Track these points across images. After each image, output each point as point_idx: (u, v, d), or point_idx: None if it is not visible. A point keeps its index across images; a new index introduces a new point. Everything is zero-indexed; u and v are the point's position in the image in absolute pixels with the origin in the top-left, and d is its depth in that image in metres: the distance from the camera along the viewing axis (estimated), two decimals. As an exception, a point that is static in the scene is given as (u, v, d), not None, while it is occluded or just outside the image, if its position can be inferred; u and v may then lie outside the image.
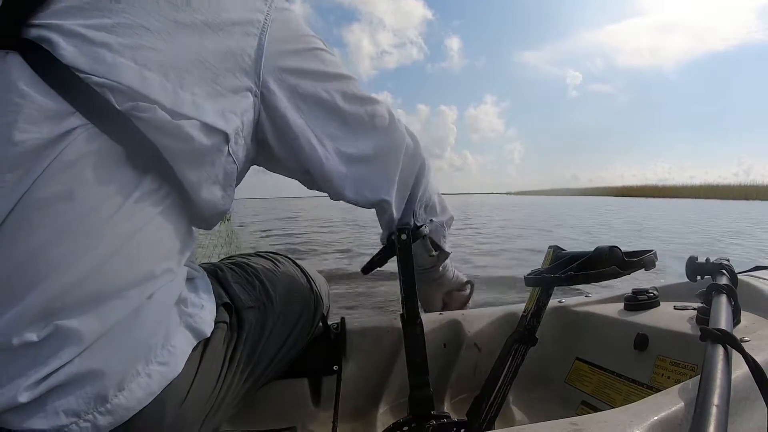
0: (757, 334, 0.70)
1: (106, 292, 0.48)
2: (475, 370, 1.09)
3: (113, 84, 0.47)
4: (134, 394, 0.49)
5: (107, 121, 0.48)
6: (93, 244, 0.47)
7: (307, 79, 0.65)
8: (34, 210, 0.45)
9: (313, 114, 0.66)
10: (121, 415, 0.49)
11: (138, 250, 0.50)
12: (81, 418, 0.47)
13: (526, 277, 0.80)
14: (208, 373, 0.60)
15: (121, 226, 0.49)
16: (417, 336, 0.85)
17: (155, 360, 0.51)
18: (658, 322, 0.88)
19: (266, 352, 0.74)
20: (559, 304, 1.14)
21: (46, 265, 0.45)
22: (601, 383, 0.93)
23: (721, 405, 0.42)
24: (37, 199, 0.45)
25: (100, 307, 0.47)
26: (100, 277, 0.47)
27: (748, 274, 1.01)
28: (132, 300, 0.50)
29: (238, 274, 0.77)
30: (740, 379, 0.52)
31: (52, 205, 0.45)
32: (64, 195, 0.46)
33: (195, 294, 0.61)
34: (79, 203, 0.46)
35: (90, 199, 0.47)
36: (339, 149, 0.69)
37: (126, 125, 0.49)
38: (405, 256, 0.85)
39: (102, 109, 0.48)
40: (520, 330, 0.88)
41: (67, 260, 0.46)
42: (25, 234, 0.44)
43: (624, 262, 0.70)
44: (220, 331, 0.62)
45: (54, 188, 0.45)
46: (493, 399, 0.83)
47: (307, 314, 0.86)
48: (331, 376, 1.00)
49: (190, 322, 0.57)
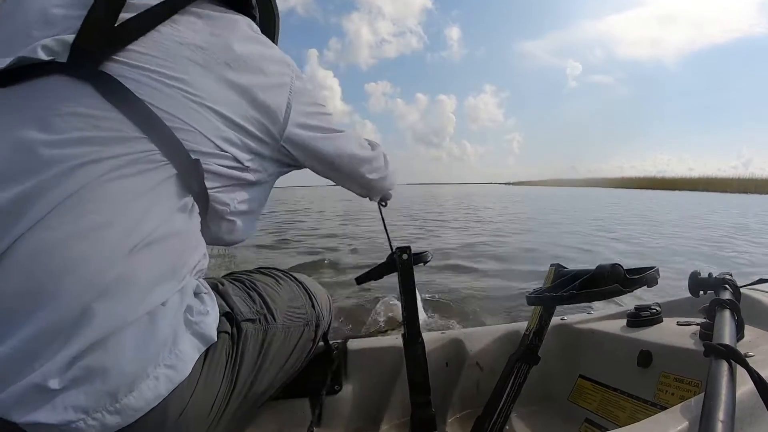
0: (762, 348, 0.70)
1: (129, 293, 0.50)
2: (478, 388, 1.08)
3: (184, 127, 0.57)
4: (143, 395, 0.50)
5: (172, 151, 0.56)
6: (121, 245, 0.50)
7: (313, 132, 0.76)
8: (75, 206, 0.49)
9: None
10: (129, 415, 0.49)
11: (163, 257, 0.54)
12: (89, 415, 0.47)
13: (527, 296, 0.80)
14: (210, 382, 0.60)
15: (153, 232, 0.53)
16: (418, 355, 0.85)
17: (163, 363, 0.52)
18: (661, 338, 0.87)
19: (267, 366, 0.74)
20: (562, 321, 1.14)
21: (73, 261, 0.47)
22: (604, 401, 0.92)
23: (726, 421, 0.41)
24: (81, 199, 0.49)
25: (120, 305, 0.49)
26: (125, 277, 0.50)
27: (751, 287, 1.01)
28: (150, 303, 0.52)
29: (238, 288, 0.77)
30: (745, 395, 0.51)
31: (88, 206, 0.50)
32: (104, 201, 0.51)
33: (200, 302, 0.62)
34: (115, 208, 0.51)
35: (127, 205, 0.52)
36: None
37: (184, 155, 0.57)
38: (406, 276, 0.86)
39: (170, 142, 0.55)
40: (523, 348, 0.87)
41: (93, 258, 0.48)
42: (61, 225, 0.48)
43: (626, 280, 0.70)
44: (221, 340, 0.63)
45: (95, 193, 0.50)
46: (495, 418, 0.82)
47: (308, 332, 0.86)
48: (333, 395, 0.99)
49: (196, 328, 0.58)
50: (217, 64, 0.61)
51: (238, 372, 0.66)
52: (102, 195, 0.50)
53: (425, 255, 0.93)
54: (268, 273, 0.89)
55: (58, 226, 0.48)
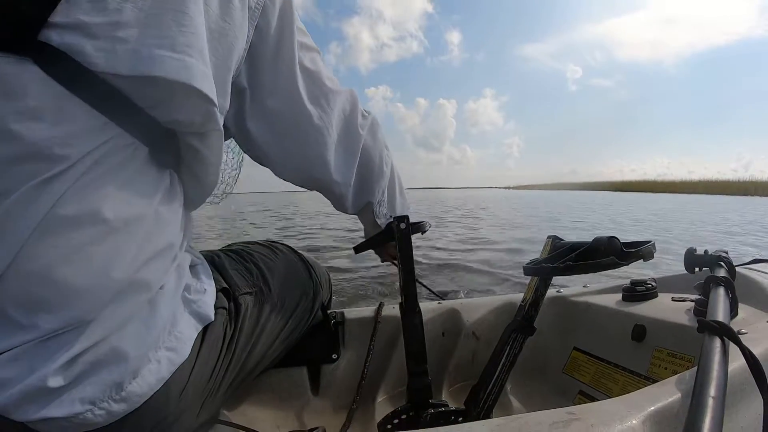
0: (755, 326, 0.71)
1: (129, 284, 0.48)
2: (474, 358, 1.10)
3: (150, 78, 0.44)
4: (146, 380, 0.50)
5: (137, 125, 0.47)
6: (117, 237, 0.46)
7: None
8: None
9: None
10: (134, 402, 0.50)
11: (156, 241, 0.51)
12: (96, 405, 0.47)
13: (524, 267, 0.80)
14: (208, 358, 0.61)
15: (142, 220, 0.49)
16: (416, 325, 0.86)
17: (163, 346, 0.52)
18: (656, 313, 0.88)
19: (264, 337, 0.74)
20: (558, 293, 1.15)
21: (72, 256, 0.44)
22: (598, 373, 0.94)
23: (718, 396, 0.42)
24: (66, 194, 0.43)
25: (121, 297, 0.47)
26: (124, 268, 0.47)
27: (746, 266, 1.02)
28: (150, 291, 0.50)
29: (235, 261, 0.77)
30: (737, 371, 0.52)
31: (78, 198, 0.44)
32: (89, 190, 0.44)
33: (197, 280, 0.62)
34: (102, 198, 0.45)
35: (112, 195, 0.46)
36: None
37: (153, 126, 0.48)
38: (404, 245, 0.86)
39: (132, 114, 0.46)
40: (519, 319, 0.88)
41: (91, 251, 0.45)
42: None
43: (623, 253, 0.70)
44: (219, 316, 0.63)
45: (81, 182, 0.44)
46: (491, 388, 0.84)
47: (305, 301, 0.87)
48: (330, 364, 1.00)
49: (194, 307, 0.58)
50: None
51: (236, 344, 0.67)
52: (83, 198, 0.44)
53: (423, 225, 0.93)
54: (265, 244, 0.90)
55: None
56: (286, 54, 0.64)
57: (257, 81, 0.63)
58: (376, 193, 0.86)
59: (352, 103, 0.76)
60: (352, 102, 0.76)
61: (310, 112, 0.68)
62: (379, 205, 0.88)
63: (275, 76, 0.64)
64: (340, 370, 1.01)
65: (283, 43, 0.63)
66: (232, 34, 0.53)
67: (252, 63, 0.62)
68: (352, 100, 0.76)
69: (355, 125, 0.77)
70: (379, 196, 0.87)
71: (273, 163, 0.72)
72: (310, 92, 0.69)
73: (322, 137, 0.71)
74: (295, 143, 0.70)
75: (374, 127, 0.82)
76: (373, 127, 0.81)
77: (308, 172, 0.74)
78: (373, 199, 0.86)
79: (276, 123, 0.67)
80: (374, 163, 0.83)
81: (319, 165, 0.74)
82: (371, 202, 0.87)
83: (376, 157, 0.83)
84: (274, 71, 0.64)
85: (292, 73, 0.66)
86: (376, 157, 0.83)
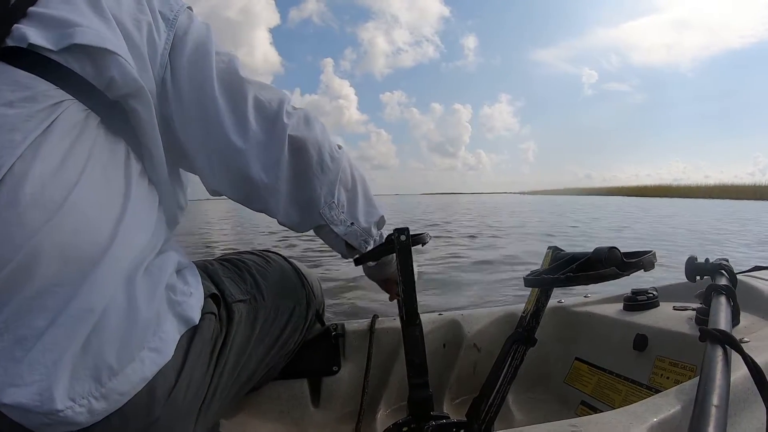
0: (757, 334, 0.70)
1: (98, 265, 0.49)
2: (475, 370, 1.09)
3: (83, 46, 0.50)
4: (128, 379, 0.50)
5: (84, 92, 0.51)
6: (82, 219, 0.49)
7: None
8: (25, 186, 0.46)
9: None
10: (115, 400, 0.49)
11: (127, 222, 0.53)
12: (76, 402, 0.47)
13: (525, 278, 0.80)
14: (197, 364, 0.60)
15: (110, 199, 0.52)
16: (416, 337, 0.85)
17: (147, 346, 0.52)
18: (657, 322, 0.88)
19: (260, 345, 0.74)
20: (559, 304, 1.15)
21: (37, 240, 0.46)
22: (600, 384, 0.93)
23: (721, 406, 0.42)
24: (28, 175, 0.46)
25: (89, 281, 0.48)
26: (90, 250, 0.49)
27: (747, 274, 1.01)
28: (124, 274, 0.52)
29: (229, 269, 0.78)
30: (739, 380, 0.52)
31: (44, 179, 0.47)
32: (55, 168, 0.47)
33: (183, 282, 0.62)
34: (68, 177, 0.48)
35: (80, 174, 0.49)
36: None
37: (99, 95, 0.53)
38: (403, 257, 0.85)
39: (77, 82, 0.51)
40: (520, 330, 0.87)
41: (57, 237, 0.47)
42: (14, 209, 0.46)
43: (623, 263, 0.70)
44: (207, 321, 0.63)
45: (45, 163, 0.47)
46: (492, 400, 0.83)
47: (299, 309, 0.87)
48: (331, 377, 1.00)
49: (178, 309, 0.57)
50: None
51: (229, 353, 0.67)
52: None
53: (423, 236, 0.92)
54: (258, 253, 0.90)
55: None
56: (203, 50, 0.65)
57: (177, 64, 0.63)
58: (318, 189, 0.73)
59: (276, 95, 0.70)
60: (276, 94, 0.71)
61: (217, 97, 0.65)
62: (329, 207, 0.75)
63: (192, 68, 0.64)
64: (341, 383, 1.01)
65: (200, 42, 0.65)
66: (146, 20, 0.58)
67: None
68: (277, 93, 0.71)
69: (276, 112, 0.69)
70: (325, 196, 0.74)
71: (192, 159, 0.68)
72: (223, 81, 0.66)
73: (235, 126, 0.66)
74: (206, 132, 0.66)
75: (308, 118, 0.73)
76: (306, 118, 0.73)
77: (225, 163, 0.67)
78: (315, 195, 0.73)
79: (188, 109, 0.64)
80: (310, 156, 0.71)
81: (233, 153, 0.66)
82: (316, 204, 0.74)
83: (312, 149, 0.71)
84: (192, 64, 0.64)
85: (208, 63, 0.65)
86: (312, 150, 0.72)
